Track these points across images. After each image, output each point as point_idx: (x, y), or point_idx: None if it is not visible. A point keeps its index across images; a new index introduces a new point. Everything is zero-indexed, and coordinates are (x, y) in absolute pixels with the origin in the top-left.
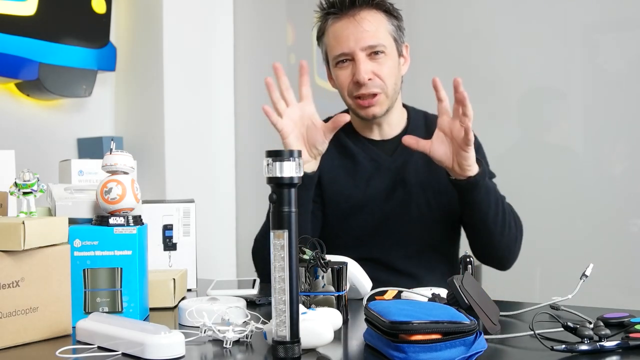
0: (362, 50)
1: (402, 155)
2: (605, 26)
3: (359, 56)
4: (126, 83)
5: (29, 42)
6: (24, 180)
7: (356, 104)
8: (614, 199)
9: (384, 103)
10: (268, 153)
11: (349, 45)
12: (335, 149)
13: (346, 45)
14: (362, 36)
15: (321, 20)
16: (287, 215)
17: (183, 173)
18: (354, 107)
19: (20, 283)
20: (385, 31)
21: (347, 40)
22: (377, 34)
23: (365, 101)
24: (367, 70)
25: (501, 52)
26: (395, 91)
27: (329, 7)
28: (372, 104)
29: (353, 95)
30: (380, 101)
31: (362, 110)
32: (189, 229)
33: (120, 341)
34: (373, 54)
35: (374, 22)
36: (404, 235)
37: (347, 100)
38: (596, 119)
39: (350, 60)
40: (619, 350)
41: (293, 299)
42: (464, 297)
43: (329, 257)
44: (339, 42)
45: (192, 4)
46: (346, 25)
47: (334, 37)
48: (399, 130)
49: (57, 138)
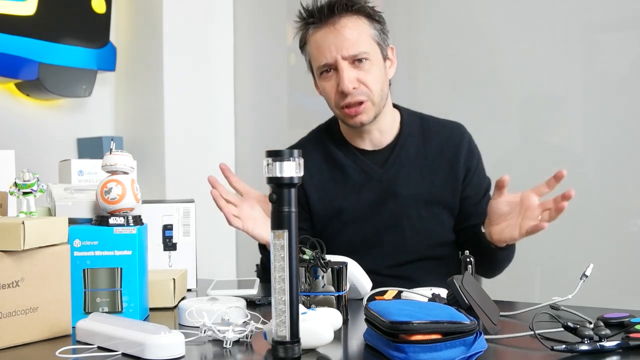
0: (344, 59)
1: (393, 166)
2: (606, 27)
3: (341, 65)
4: (126, 83)
5: (29, 42)
6: (23, 180)
7: (343, 113)
8: (614, 199)
9: (370, 110)
10: (268, 153)
11: (331, 55)
12: (325, 161)
13: (329, 55)
14: (343, 45)
15: (302, 29)
16: (287, 215)
17: (183, 173)
18: (341, 116)
19: (20, 283)
20: (368, 37)
21: (329, 50)
22: (359, 41)
23: (352, 109)
24: (351, 79)
25: (501, 53)
26: (382, 97)
27: (308, 17)
28: (359, 112)
29: (340, 105)
30: (367, 109)
31: (350, 120)
32: (188, 229)
33: (120, 341)
34: (356, 62)
35: (355, 29)
36: (396, 247)
37: (335, 110)
38: (596, 119)
39: (334, 70)
40: (619, 351)
41: (293, 299)
42: (464, 297)
43: (329, 257)
44: (321, 53)
45: (192, 4)
46: (326, 34)
47: (316, 47)
48: (391, 137)
49: (57, 138)
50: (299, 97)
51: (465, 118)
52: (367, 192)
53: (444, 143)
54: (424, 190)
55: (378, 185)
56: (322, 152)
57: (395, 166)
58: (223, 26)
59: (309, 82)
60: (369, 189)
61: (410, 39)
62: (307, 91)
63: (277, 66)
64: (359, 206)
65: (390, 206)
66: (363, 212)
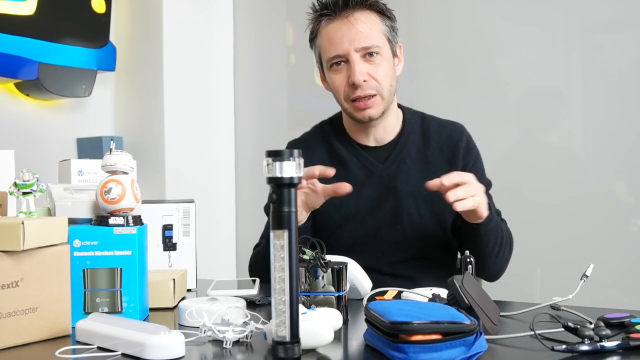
0: (356, 51)
1: (394, 163)
2: (606, 26)
3: (353, 57)
4: (126, 83)
5: (29, 42)
6: (23, 180)
7: (352, 106)
8: (614, 199)
9: (379, 105)
10: (268, 153)
11: (343, 46)
12: (327, 156)
13: (340, 47)
14: (356, 37)
15: (314, 22)
16: (287, 215)
17: (183, 173)
18: (350, 110)
19: (20, 283)
20: (379, 32)
21: (341, 41)
22: (371, 35)
23: (361, 103)
24: (362, 72)
25: (501, 52)
26: (391, 92)
27: (322, 9)
28: (369, 106)
29: (349, 98)
30: (376, 103)
31: (359, 113)
32: (188, 229)
33: (120, 341)
34: (368, 55)
35: (367, 23)
36: (396, 244)
37: (343, 104)
38: (596, 119)
39: (345, 62)
40: (620, 351)
41: (293, 299)
42: (464, 297)
43: (329, 257)
44: (332, 44)
45: (192, 4)
46: (340, 26)
47: (328, 39)
48: (393, 134)
49: (56, 138)
50: (299, 97)
51: (465, 118)
52: (368, 188)
53: (443, 142)
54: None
55: (379, 181)
56: (325, 147)
57: (396, 163)
58: (223, 26)
59: (309, 82)
60: (369, 185)
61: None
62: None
63: (277, 66)
64: (359, 201)
65: (391, 203)
66: (363, 208)
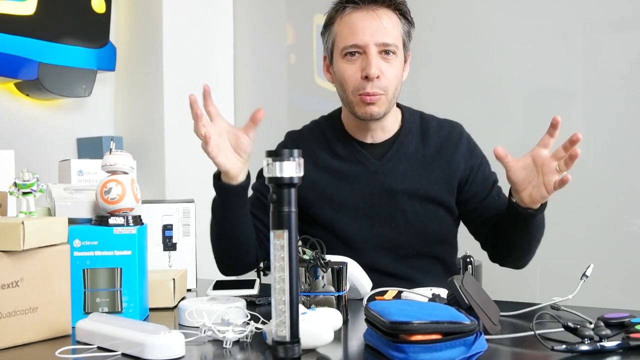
0: (376, 45)
1: (390, 161)
2: (607, 26)
3: (371, 50)
4: (126, 83)
5: (29, 41)
6: (23, 180)
7: (358, 99)
8: (614, 199)
9: (383, 105)
10: (268, 153)
11: (364, 37)
12: (323, 150)
13: (361, 37)
14: (378, 31)
15: (336, 7)
16: (287, 215)
17: (183, 173)
18: (355, 103)
19: (20, 283)
20: (399, 33)
21: (363, 32)
22: (393, 33)
23: (368, 97)
24: (377, 66)
25: (502, 52)
26: (394, 96)
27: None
28: (374, 102)
29: (358, 91)
30: (381, 102)
31: (363, 108)
32: (188, 229)
33: (120, 341)
34: (384, 53)
35: (391, 22)
36: (392, 242)
37: (349, 96)
38: (597, 119)
39: (360, 55)
40: (620, 351)
41: (293, 299)
42: (464, 297)
43: (329, 257)
44: (353, 33)
45: (192, 4)
46: (365, 17)
47: (349, 27)
48: (391, 133)
49: (56, 138)
50: (299, 97)
51: (466, 117)
52: (361, 184)
53: (442, 142)
54: (420, 186)
55: (373, 178)
56: (322, 141)
57: (392, 161)
58: (223, 26)
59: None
60: (363, 181)
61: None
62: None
63: (277, 66)
64: (352, 197)
65: (385, 200)
66: (356, 203)
